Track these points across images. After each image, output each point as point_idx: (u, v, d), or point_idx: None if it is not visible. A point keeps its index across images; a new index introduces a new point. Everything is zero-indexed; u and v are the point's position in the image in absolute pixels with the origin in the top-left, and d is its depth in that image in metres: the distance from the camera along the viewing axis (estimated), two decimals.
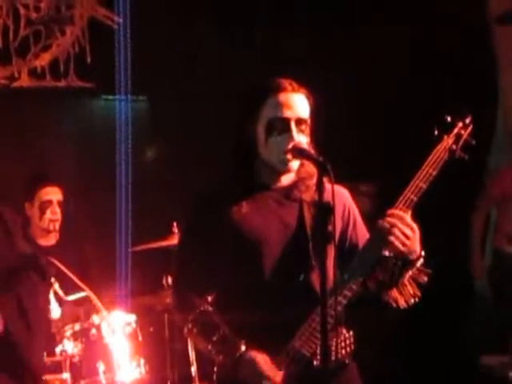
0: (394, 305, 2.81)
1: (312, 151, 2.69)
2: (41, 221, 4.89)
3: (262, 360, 2.65)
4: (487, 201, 5.70)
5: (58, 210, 4.92)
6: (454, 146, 2.83)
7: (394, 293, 2.79)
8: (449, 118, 2.87)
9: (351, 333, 2.77)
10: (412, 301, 2.80)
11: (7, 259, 3.22)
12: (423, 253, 2.74)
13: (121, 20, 5.60)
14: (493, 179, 5.76)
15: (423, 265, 2.77)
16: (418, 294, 2.80)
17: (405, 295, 2.79)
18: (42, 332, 3.44)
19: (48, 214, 4.88)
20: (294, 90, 2.76)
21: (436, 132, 2.84)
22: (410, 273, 2.76)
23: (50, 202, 4.91)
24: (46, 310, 3.61)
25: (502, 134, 6.11)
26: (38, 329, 3.32)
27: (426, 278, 2.79)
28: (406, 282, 2.78)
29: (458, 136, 2.85)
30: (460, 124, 2.87)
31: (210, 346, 2.72)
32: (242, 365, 2.66)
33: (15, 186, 5.06)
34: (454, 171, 2.83)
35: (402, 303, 2.80)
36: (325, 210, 2.47)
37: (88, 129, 5.97)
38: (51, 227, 4.89)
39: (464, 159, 2.85)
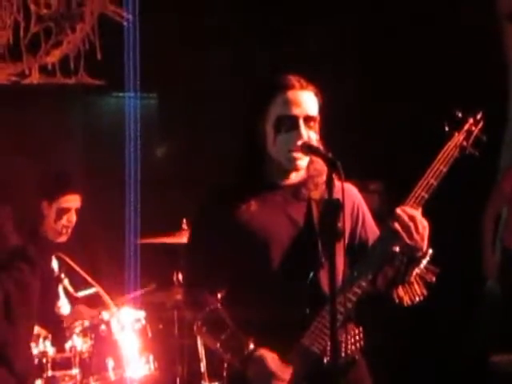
0: (398, 302, 2.80)
1: (322, 148, 2.69)
2: (55, 224, 4.90)
3: (271, 358, 2.65)
4: (498, 198, 5.67)
5: (74, 218, 4.92)
6: (465, 143, 2.80)
7: (400, 290, 2.78)
8: (459, 114, 2.84)
9: (360, 329, 2.77)
10: (417, 299, 2.79)
11: None
12: (430, 251, 2.73)
13: (130, 17, 5.60)
14: (504, 176, 5.75)
15: (431, 263, 2.75)
16: (425, 292, 2.79)
17: (410, 293, 2.78)
18: (28, 329, 3.41)
19: (64, 221, 4.87)
20: (302, 88, 2.75)
21: (446, 128, 2.81)
22: (418, 271, 2.75)
23: (69, 209, 4.88)
24: (34, 302, 3.59)
25: None
26: (24, 323, 3.26)
27: (433, 278, 2.77)
28: (413, 280, 2.76)
29: (469, 132, 2.82)
30: (471, 120, 2.84)
31: (218, 345, 2.72)
32: (250, 363, 2.66)
33: (25, 183, 5.08)
34: (466, 168, 2.81)
35: (407, 301, 2.79)
36: (334, 207, 2.47)
37: (98, 126, 5.98)
38: (64, 231, 4.89)
39: (475, 156, 2.82)
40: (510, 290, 5.56)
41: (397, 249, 2.69)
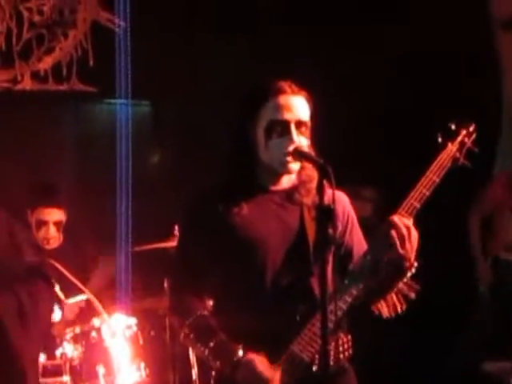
0: (378, 313, 2.81)
1: (313, 154, 2.69)
2: (36, 234, 4.90)
3: (260, 362, 2.63)
4: (483, 205, 5.69)
5: (52, 231, 4.89)
6: (458, 154, 2.85)
7: (381, 302, 2.79)
8: (453, 126, 2.88)
9: (349, 337, 2.77)
10: (396, 313, 2.81)
11: (12, 267, 3.29)
12: (416, 263, 2.72)
13: (122, 24, 5.60)
14: (495, 181, 5.77)
15: (413, 278, 2.76)
16: (404, 308, 2.80)
17: (390, 306, 2.79)
18: (40, 338, 3.45)
19: (42, 232, 4.87)
20: (293, 93, 2.75)
21: (440, 139, 2.86)
22: (400, 285, 2.75)
23: (46, 222, 4.88)
24: (47, 317, 3.62)
25: (506, 140, 6.11)
26: (36, 334, 3.33)
27: (413, 295, 2.79)
28: (394, 295, 2.78)
29: (462, 144, 2.87)
30: (464, 132, 2.88)
31: (206, 352, 2.69)
32: (239, 369, 2.63)
33: (16, 190, 5.06)
34: (460, 178, 2.83)
35: (386, 313, 2.80)
36: (325, 214, 2.46)
37: (90, 132, 5.98)
38: (44, 243, 4.89)
39: (467, 167, 2.86)
40: (500, 297, 5.58)
41: (385, 259, 2.69)
